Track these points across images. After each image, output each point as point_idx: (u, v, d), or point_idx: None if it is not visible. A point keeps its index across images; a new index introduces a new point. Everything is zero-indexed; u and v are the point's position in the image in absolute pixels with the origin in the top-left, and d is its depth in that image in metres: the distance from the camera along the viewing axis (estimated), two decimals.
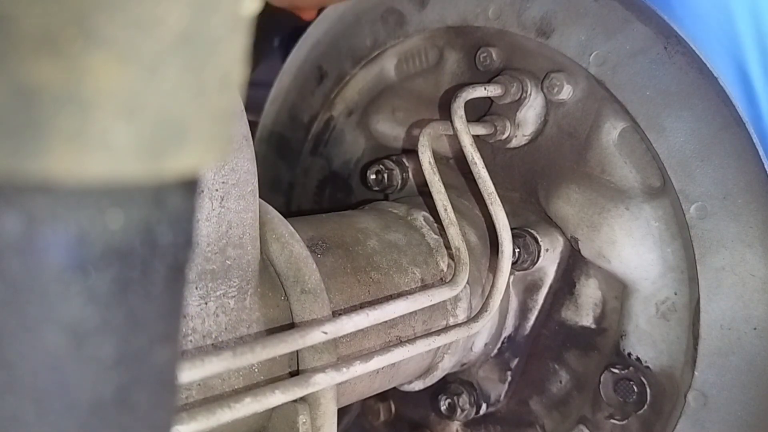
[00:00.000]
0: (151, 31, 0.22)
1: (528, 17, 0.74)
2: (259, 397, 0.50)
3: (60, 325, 0.23)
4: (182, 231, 0.26)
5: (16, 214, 0.22)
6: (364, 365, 0.57)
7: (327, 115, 0.93)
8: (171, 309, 0.27)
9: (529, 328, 0.76)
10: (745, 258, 0.63)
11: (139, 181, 0.23)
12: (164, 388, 0.27)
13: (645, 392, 0.69)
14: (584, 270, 0.73)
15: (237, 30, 0.25)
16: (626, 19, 0.67)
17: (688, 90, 0.64)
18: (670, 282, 0.67)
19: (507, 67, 0.75)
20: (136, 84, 0.22)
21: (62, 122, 0.21)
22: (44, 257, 0.23)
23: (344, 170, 0.92)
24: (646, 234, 0.68)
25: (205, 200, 0.51)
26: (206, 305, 0.52)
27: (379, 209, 0.76)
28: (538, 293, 0.75)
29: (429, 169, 0.69)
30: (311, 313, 0.56)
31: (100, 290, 0.24)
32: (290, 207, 0.98)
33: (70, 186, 0.22)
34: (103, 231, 0.23)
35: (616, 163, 0.69)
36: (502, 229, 0.67)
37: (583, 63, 0.70)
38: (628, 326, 0.70)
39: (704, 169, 0.64)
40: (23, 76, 0.21)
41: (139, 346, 0.25)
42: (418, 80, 0.85)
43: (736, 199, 0.63)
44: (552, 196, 0.73)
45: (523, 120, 0.73)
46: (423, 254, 0.71)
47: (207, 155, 0.25)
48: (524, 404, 0.78)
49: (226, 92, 0.25)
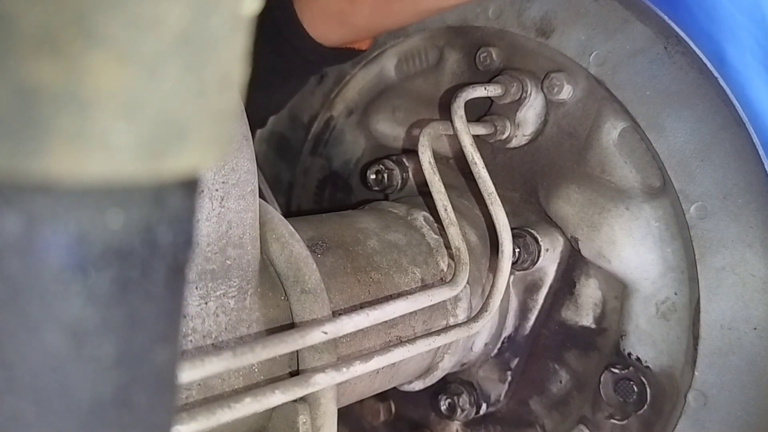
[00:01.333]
0: (151, 31, 0.22)
1: (528, 17, 0.74)
2: (259, 397, 0.50)
3: (60, 325, 0.23)
4: (182, 231, 0.26)
5: (16, 214, 0.22)
6: (364, 365, 0.57)
7: (327, 115, 0.93)
8: (171, 309, 0.27)
9: (529, 328, 0.76)
10: (746, 258, 0.63)
11: (139, 181, 0.23)
12: (164, 388, 0.27)
13: (645, 392, 0.69)
14: (584, 270, 0.73)
15: (237, 30, 0.25)
16: (626, 19, 0.67)
17: (688, 90, 0.64)
18: (670, 282, 0.67)
19: (507, 67, 0.75)
20: (136, 84, 0.22)
21: (62, 122, 0.21)
22: (44, 257, 0.23)
23: (344, 170, 0.92)
24: (646, 234, 0.68)
25: (205, 200, 0.51)
26: (206, 305, 0.52)
27: (379, 209, 0.76)
28: (538, 293, 0.75)
29: (429, 169, 0.69)
30: (311, 313, 0.56)
31: (100, 290, 0.24)
32: (290, 207, 0.98)
33: (70, 186, 0.22)
34: (103, 231, 0.23)
35: (616, 163, 0.69)
36: (502, 229, 0.67)
37: (583, 63, 0.70)
38: (628, 326, 0.70)
39: (704, 169, 0.64)
40: (23, 76, 0.21)
41: (139, 346, 0.25)
42: (418, 80, 0.85)
43: (736, 199, 0.63)
44: (552, 196, 0.73)
45: (523, 120, 0.73)
46: (423, 254, 0.71)
47: (207, 155, 0.25)
48: (524, 404, 0.78)
49: (226, 92, 0.25)
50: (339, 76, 0.91)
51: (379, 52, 0.87)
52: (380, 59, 0.87)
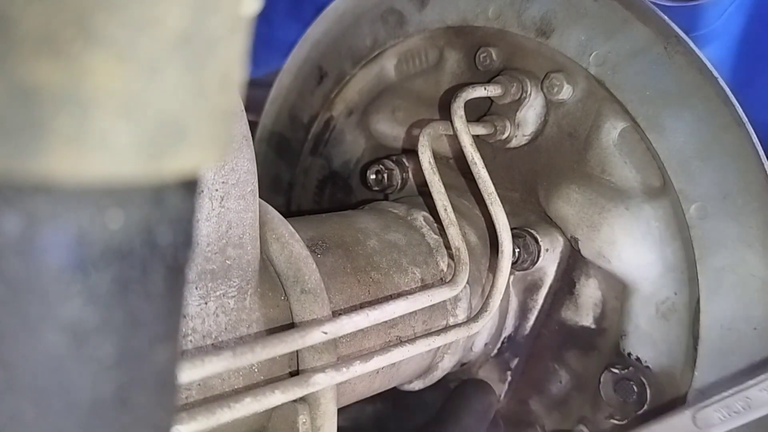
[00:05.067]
0: (151, 31, 0.22)
1: (528, 17, 0.74)
2: (259, 397, 0.50)
3: (60, 325, 0.23)
4: (182, 231, 0.26)
5: (16, 214, 0.22)
6: (364, 365, 0.57)
7: (327, 115, 0.93)
8: (171, 309, 0.27)
9: (529, 328, 0.76)
10: (746, 258, 0.63)
11: (139, 181, 0.23)
12: (164, 388, 0.27)
13: (645, 392, 0.69)
14: (584, 270, 0.73)
15: (237, 30, 0.25)
16: (626, 19, 0.67)
17: (688, 90, 0.64)
18: (670, 282, 0.67)
19: (507, 67, 0.75)
20: (135, 84, 0.22)
21: (62, 122, 0.21)
22: (44, 257, 0.23)
23: (344, 170, 0.92)
24: (646, 234, 0.68)
25: (205, 200, 0.51)
26: (206, 305, 0.52)
27: (379, 209, 0.76)
28: (538, 293, 0.75)
29: (429, 169, 0.69)
30: (311, 313, 0.56)
31: (100, 290, 0.24)
32: (290, 207, 0.98)
33: (70, 186, 0.22)
34: (103, 231, 0.23)
35: (616, 163, 0.69)
36: (502, 229, 0.67)
37: (583, 63, 0.70)
38: (628, 326, 0.70)
39: (704, 169, 0.64)
40: (23, 76, 0.21)
41: (139, 346, 0.25)
42: (418, 80, 0.85)
43: (736, 200, 0.63)
44: (552, 196, 0.73)
45: (523, 120, 0.73)
46: (423, 254, 0.71)
47: (207, 155, 0.25)
48: (524, 404, 0.78)
49: (226, 92, 0.25)
50: (339, 76, 0.91)
51: (379, 52, 0.87)
52: (380, 59, 0.87)
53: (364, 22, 0.88)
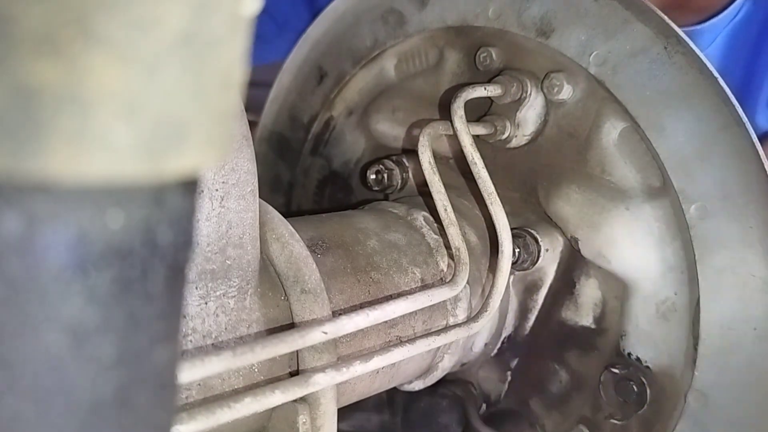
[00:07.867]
0: (151, 31, 0.22)
1: (528, 17, 0.74)
2: (259, 397, 0.50)
3: (60, 325, 0.23)
4: (182, 231, 0.26)
5: (16, 214, 0.22)
6: (364, 365, 0.57)
7: (327, 115, 0.93)
8: (171, 309, 0.27)
9: (529, 328, 0.76)
10: (746, 258, 0.63)
11: (139, 181, 0.23)
12: (164, 388, 0.27)
13: (645, 392, 0.69)
14: (584, 270, 0.73)
15: (237, 30, 0.25)
16: (626, 19, 0.67)
17: (688, 90, 0.64)
18: (670, 282, 0.67)
19: (507, 67, 0.75)
20: (136, 84, 0.22)
21: (62, 122, 0.21)
22: (44, 257, 0.23)
23: (344, 170, 0.92)
24: (647, 234, 0.68)
25: (205, 200, 0.51)
26: (206, 305, 0.52)
27: (379, 209, 0.76)
28: (538, 293, 0.75)
29: (429, 169, 0.69)
30: (311, 313, 0.56)
31: (100, 290, 0.24)
32: (290, 207, 0.98)
33: (70, 186, 0.22)
34: (103, 231, 0.23)
35: (616, 163, 0.69)
36: (502, 229, 0.67)
37: (583, 63, 0.70)
38: (628, 326, 0.70)
39: (704, 169, 0.64)
40: (23, 76, 0.21)
41: (139, 346, 0.25)
42: (418, 80, 0.85)
43: (736, 200, 0.63)
44: (552, 196, 0.73)
45: (523, 120, 0.73)
46: (423, 254, 0.71)
47: (207, 155, 0.25)
48: (524, 404, 0.78)
49: (226, 92, 0.25)
50: (339, 76, 0.91)
51: (379, 52, 0.87)
52: (380, 59, 0.87)
53: (364, 22, 0.88)
